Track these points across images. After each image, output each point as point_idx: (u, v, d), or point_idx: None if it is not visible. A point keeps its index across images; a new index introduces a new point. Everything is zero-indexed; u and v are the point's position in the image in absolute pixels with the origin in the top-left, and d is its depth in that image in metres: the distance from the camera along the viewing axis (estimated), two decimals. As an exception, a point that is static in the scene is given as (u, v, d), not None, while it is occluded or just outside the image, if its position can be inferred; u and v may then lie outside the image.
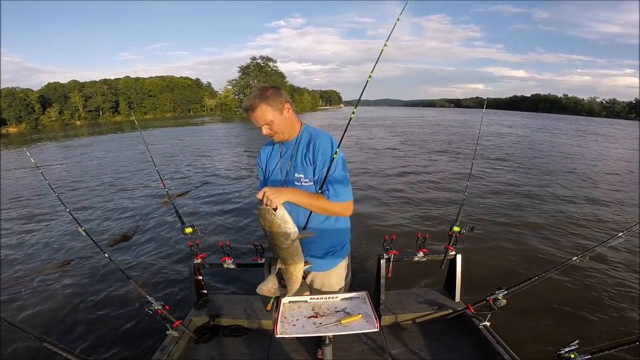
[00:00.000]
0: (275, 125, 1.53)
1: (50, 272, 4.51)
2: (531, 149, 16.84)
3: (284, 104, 1.54)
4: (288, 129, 1.58)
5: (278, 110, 1.52)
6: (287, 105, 1.55)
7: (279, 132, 1.55)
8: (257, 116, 1.50)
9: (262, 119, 1.51)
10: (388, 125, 31.88)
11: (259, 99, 1.49)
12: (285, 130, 1.57)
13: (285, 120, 1.55)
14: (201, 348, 2.17)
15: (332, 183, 1.52)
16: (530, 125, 37.70)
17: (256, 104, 1.49)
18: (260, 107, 1.49)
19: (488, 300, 2.07)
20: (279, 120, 1.53)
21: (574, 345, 1.56)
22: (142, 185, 9.32)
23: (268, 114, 1.50)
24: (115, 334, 3.25)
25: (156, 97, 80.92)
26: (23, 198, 8.47)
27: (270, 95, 1.50)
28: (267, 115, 1.50)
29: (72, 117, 68.38)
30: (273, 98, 1.50)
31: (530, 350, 2.85)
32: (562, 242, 5.27)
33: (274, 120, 1.51)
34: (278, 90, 1.54)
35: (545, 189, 8.64)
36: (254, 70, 74.38)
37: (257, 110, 1.49)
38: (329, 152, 1.52)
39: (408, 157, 13.52)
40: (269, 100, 1.49)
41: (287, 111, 1.55)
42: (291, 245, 1.37)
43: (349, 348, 2.12)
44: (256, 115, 1.50)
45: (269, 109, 1.50)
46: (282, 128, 1.55)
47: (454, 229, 2.38)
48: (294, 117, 1.60)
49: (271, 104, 1.50)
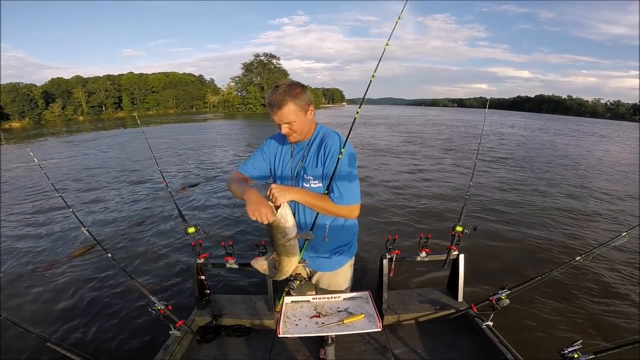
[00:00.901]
0: (296, 125, 1.47)
1: (57, 265, 4.55)
2: (534, 149, 16.80)
3: (309, 105, 1.49)
4: (306, 131, 1.54)
5: (303, 110, 1.46)
6: (311, 106, 1.50)
7: (298, 133, 1.51)
8: (282, 114, 1.43)
9: (285, 117, 1.43)
10: (391, 124, 31.82)
11: (288, 96, 1.41)
12: (304, 132, 1.53)
13: (306, 122, 1.50)
14: (204, 348, 2.18)
15: (337, 185, 1.48)
16: (531, 126, 37.57)
17: (285, 101, 1.41)
18: (288, 105, 1.41)
19: (491, 300, 2.06)
20: (301, 122, 1.47)
21: (577, 345, 1.56)
22: (144, 184, 9.34)
23: (292, 114, 1.43)
24: (118, 334, 3.26)
25: (159, 94, 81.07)
26: (27, 195, 8.51)
27: (298, 94, 1.44)
28: (291, 115, 1.43)
29: (75, 112, 68.73)
30: (300, 97, 1.44)
31: (533, 350, 2.85)
32: (565, 241, 5.26)
33: (297, 120, 1.46)
34: (304, 89, 1.47)
35: (547, 188, 8.61)
36: (257, 68, 74.38)
37: (284, 108, 1.41)
38: (337, 153, 1.49)
39: (410, 156, 13.50)
40: (296, 100, 1.43)
41: (310, 113, 1.50)
42: (288, 243, 1.40)
43: (352, 348, 2.12)
44: (281, 112, 1.42)
45: (295, 108, 1.43)
46: (301, 129, 1.50)
47: (456, 229, 2.37)
48: (313, 119, 1.56)
49: (298, 103, 1.43)
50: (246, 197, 1.37)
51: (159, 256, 4.84)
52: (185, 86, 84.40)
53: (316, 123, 1.62)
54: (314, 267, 1.75)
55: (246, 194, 1.38)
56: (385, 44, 1.63)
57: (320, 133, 1.59)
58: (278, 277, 1.57)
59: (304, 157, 1.58)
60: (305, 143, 1.60)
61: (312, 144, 1.58)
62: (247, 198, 1.36)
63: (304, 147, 1.59)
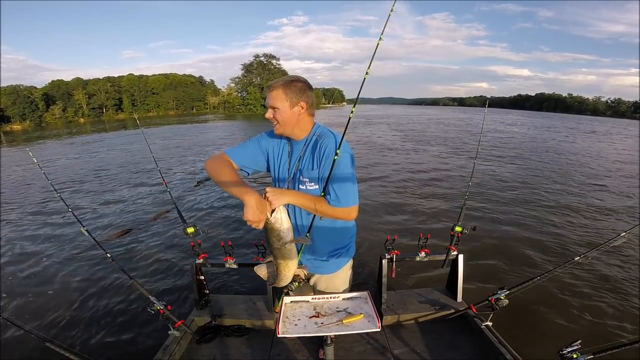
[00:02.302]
0: (279, 114, 1.49)
1: (57, 266, 4.55)
2: (534, 148, 16.75)
3: (300, 101, 1.50)
4: (291, 126, 1.53)
5: (290, 102, 1.49)
6: (302, 104, 1.50)
7: (281, 123, 1.51)
8: (269, 97, 1.50)
9: (271, 101, 1.49)
10: (391, 123, 31.82)
11: (280, 83, 1.49)
12: (287, 124, 1.52)
13: (291, 116, 1.50)
14: (203, 348, 2.18)
15: (333, 187, 1.46)
16: (530, 124, 37.51)
17: (276, 86, 1.48)
18: (277, 90, 1.48)
19: (490, 300, 2.06)
20: (285, 112, 1.49)
21: (577, 345, 1.56)
22: (144, 184, 9.35)
23: (278, 100, 1.48)
24: (117, 334, 3.26)
25: (159, 95, 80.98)
26: (28, 196, 8.53)
27: (294, 86, 1.49)
28: (277, 101, 1.48)
29: (75, 114, 68.65)
30: (293, 90, 1.48)
31: (532, 350, 2.84)
32: (564, 241, 5.26)
33: (281, 109, 1.48)
34: (305, 87, 1.52)
35: (546, 187, 8.61)
36: (257, 68, 74.37)
37: (272, 92, 1.48)
38: (332, 154, 1.47)
39: (410, 156, 13.49)
40: (287, 90, 1.48)
41: (299, 108, 1.50)
42: (283, 247, 1.38)
43: (351, 348, 2.12)
44: (269, 95, 1.50)
45: (282, 96, 1.47)
46: (285, 120, 1.51)
47: (455, 229, 2.37)
48: (305, 118, 1.55)
49: (288, 93, 1.48)
50: (247, 201, 1.27)
51: (158, 256, 4.85)
52: (186, 87, 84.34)
53: (314, 122, 1.61)
54: (312, 269, 1.74)
55: (247, 196, 1.28)
56: (379, 38, 1.57)
57: (316, 133, 1.58)
58: (278, 284, 1.55)
59: (301, 158, 1.57)
60: (302, 143, 1.58)
61: (308, 144, 1.56)
62: (248, 202, 1.27)
63: (301, 148, 1.58)
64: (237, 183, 1.43)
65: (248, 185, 1.37)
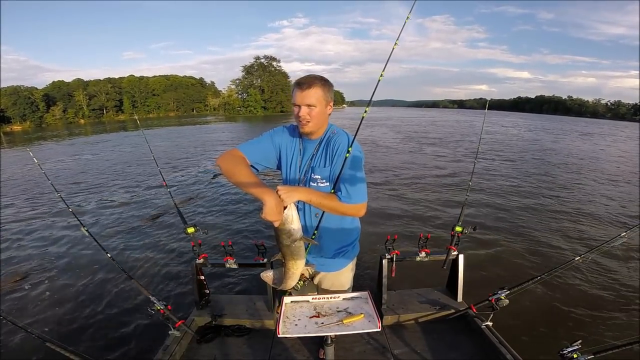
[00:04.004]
0: (314, 113, 1.48)
1: (56, 266, 4.54)
2: (534, 149, 16.78)
3: (331, 100, 1.54)
4: (319, 125, 1.55)
5: (325, 101, 1.50)
6: (332, 104, 1.55)
7: (313, 122, 1.50)
8: (309, 93, 1.45)
9: (309, 98, 1.46)
10: (391, 125, 31.85)
11: (319, 81, 1.47)
12: (318, 123, 1.53)
13: (323, 115, 1.53)
14: (203, 348, 2.18)
15: (344, 184, 1.47)
16: (530, 126, 37.50)
17: (315, 83, 1.46)
18: (316, 87, 1.46)
19: (490, 300, 2.06)
20: (320, 110, 1.50)
21: (577, 345, 1.56)
22: (144, 185, 9.37)
23: (316, 98, 1.47)
24: (118, 333, 3.26)
25: (160, 96, 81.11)
26: (29, 196, 8.53)
27: (329, 85, 1.51)
28: (315, 99, 1.46)
29: (75, 115, 68.82)
30: (329, 89, 1.51)
31: (532, 350, 2.84)
32: (564, 241, 5.26)
33: (317, 107, 1.48)
34: (332, 87, 1.54)
35: (546, 188, 8.61)
36: (257, 70, 74.43)
37: (312, 88, 1.45)
38: (344, 152, 1.50)
39: (410, 157, 13.51)
40: (325, 88, 1.48)
41: (329, 108, 1.55)
42: (293, 245, 1.37)
43: (351, 348, 2.12)
44: (308, 92, 1.45)
45: (321, 94, 1.48)
46: (317, 119, 1.51)
47: (456, 229, 2.37)
48: (328, 117, 1.59)
49: (325, 92, 1.49)
50: (267, 201, 1.22)
51: (158, 256, 4.85)
52: (186, 89, 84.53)
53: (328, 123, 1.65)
54: (318, 267, 1.75)
55: (267, 196, 1.23)
56: (394, 44, 1.64)
57: (329, 132, 1.60)
58: (285, 285, 1.52)
59: (314, 156, 1.59)
60: (316, 142, 1.60)
61: (322, 142, 1.59)
62: (268, 202, 1.22)
63: (314, 146, 1.60)
64: (256, 183, 1.37)
65: (266, 185, 1.33)
